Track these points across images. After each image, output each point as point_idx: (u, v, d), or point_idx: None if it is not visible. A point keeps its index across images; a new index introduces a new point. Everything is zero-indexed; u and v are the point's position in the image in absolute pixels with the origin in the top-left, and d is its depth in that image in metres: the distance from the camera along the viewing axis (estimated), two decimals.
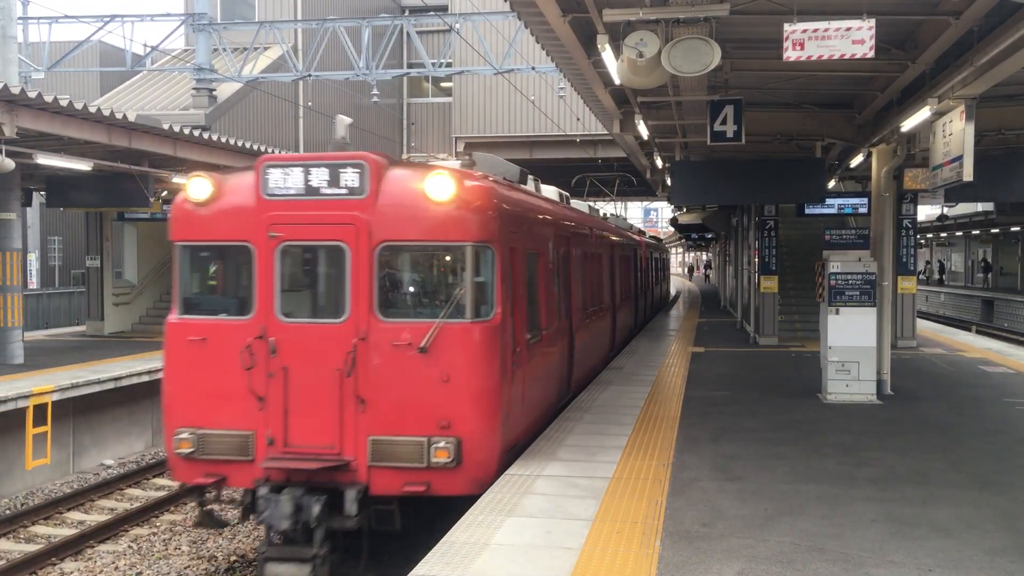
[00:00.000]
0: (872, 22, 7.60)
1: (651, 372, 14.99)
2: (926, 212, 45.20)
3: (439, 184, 7.86)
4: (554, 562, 6.00)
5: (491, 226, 8.17)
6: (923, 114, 10.55)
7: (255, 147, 18.41)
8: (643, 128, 14.49)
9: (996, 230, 47.27)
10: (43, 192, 20.27)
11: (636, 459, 8.84)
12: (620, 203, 54.29)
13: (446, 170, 8.02)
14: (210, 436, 8.15)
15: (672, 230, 56.88)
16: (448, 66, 29.02)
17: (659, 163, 19.77)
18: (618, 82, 10.10)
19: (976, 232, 50.82)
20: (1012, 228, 44.74)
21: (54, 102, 12.85)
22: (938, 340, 20.79)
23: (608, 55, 9.17)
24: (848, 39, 7.58)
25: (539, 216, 10.58)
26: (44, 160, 14.72)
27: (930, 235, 58.97)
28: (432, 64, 26.79)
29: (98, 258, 21.75)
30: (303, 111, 29.73)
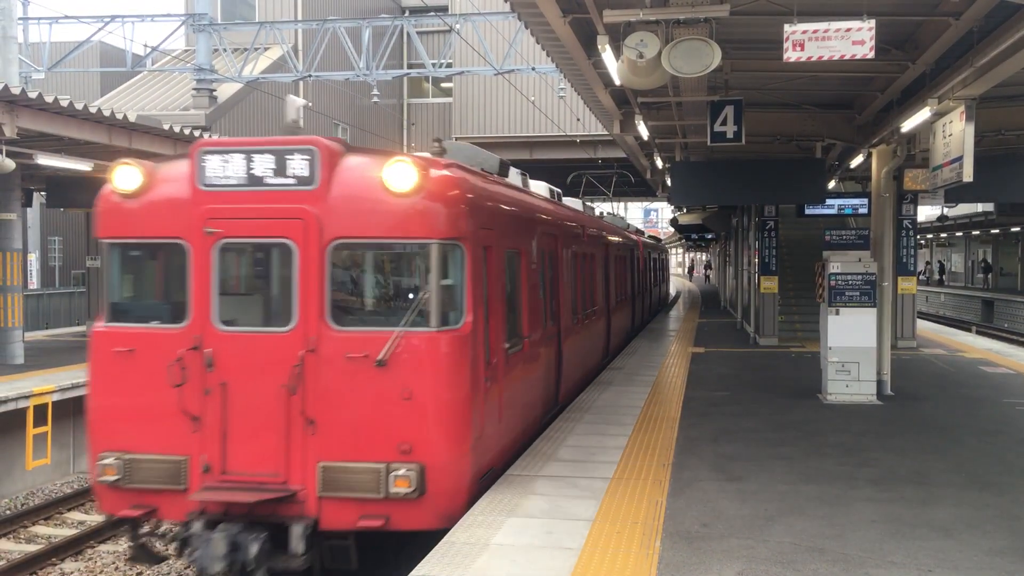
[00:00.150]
0: (872, 23, 7.61)
1: (651, 372, 14.99)
2: (926, 213, 45.18)
3: (400, 173, 6.88)
4: (554, 562, 6.00)
5: (461, 221, 7.17)
6: (923, 115, 10.57)
7: None
8: (643, 129, 14.50)
9: (996, 230, 47.35)
10: (43, 192, 20.29)
11: (636, 459, 8.84)
12: (620, 203, 54.34)
13: (408, 157, 7.02)
14: (138, 461, 7.14)
15: (672, 230, 56.89)
16: (448, 67, 29.01)
17: (659, 163, 19.80)
18: (618, 83, 10.10)
19: (976, 232, 50.91)
20: (1012, 228, 44.80)
21: (54, 102, 12.86)
22: (938, 340, 20.80)
23: (608, 56, 9.17)
24: (848, 40, 7.59)
25: (521, 212, 9.58)
26: (44, 160, 14.72)
27: (930, 235, 59.04)
28: (432, 65, 26.80)
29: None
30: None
